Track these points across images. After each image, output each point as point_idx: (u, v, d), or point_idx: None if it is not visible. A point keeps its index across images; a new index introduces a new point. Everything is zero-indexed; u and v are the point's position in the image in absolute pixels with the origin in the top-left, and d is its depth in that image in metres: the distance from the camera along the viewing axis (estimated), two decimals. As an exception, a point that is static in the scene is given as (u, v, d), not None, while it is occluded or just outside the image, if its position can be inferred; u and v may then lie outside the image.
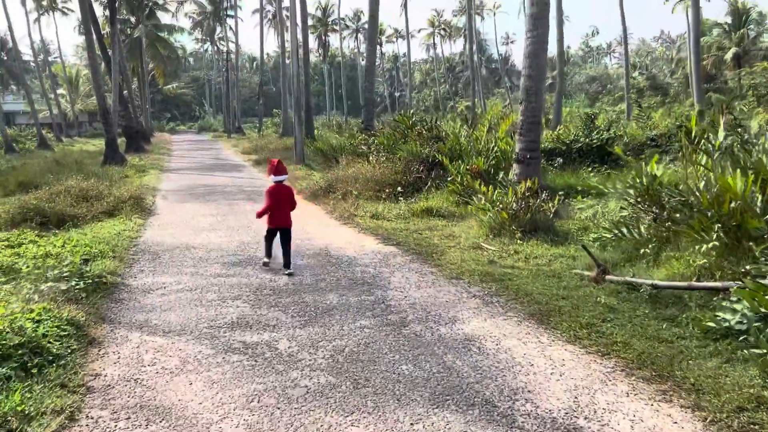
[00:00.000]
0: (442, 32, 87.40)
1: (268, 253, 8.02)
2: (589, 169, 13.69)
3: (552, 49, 31.86)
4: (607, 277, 6.62)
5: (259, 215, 7.95)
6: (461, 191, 12.03)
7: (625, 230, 7.52)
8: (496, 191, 9.66)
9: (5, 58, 72.18)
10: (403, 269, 7.75)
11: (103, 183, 15.60)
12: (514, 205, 9.13)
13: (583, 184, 12.31)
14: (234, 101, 60.77)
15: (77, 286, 6.51)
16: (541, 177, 10.83)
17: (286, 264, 7.69)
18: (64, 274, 6.74)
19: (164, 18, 56.35)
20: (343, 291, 6.85)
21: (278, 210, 7.79)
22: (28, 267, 7.20)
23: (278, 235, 7.89)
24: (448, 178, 12.92)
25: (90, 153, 32.30)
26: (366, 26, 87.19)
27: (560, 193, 10.99)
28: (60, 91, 71.01)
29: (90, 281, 6.84)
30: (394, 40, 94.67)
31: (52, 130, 54.35)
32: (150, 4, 52.51)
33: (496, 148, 12.50)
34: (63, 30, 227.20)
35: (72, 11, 63.15)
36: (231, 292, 6.85)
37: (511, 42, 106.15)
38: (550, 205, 9.24)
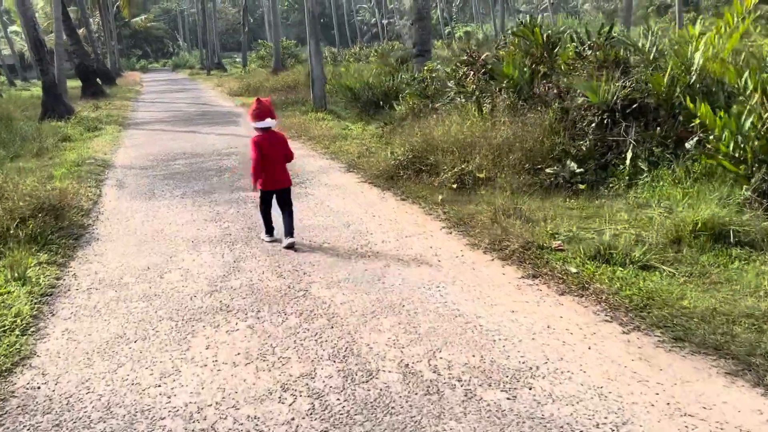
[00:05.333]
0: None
1: (269, 228, 5.73)
2: None
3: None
4: None
5: (255, 182, 5.64)
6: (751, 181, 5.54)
7: None
8: None
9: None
10: None
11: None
12: None
13: None
14: (212, 34, 52.50)
15: None
16: None
17: (289, 232, 5.54)
18: None
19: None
20: None
21: (271, 166, 5.57)
22: None
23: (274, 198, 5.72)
24: (692, 145, 6.34)
25: (40, 100, 25.10)
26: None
27: None
28: (13, 27, 62.13)
29: None
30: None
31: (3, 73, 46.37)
32: None
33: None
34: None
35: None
36: None
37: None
38: None
